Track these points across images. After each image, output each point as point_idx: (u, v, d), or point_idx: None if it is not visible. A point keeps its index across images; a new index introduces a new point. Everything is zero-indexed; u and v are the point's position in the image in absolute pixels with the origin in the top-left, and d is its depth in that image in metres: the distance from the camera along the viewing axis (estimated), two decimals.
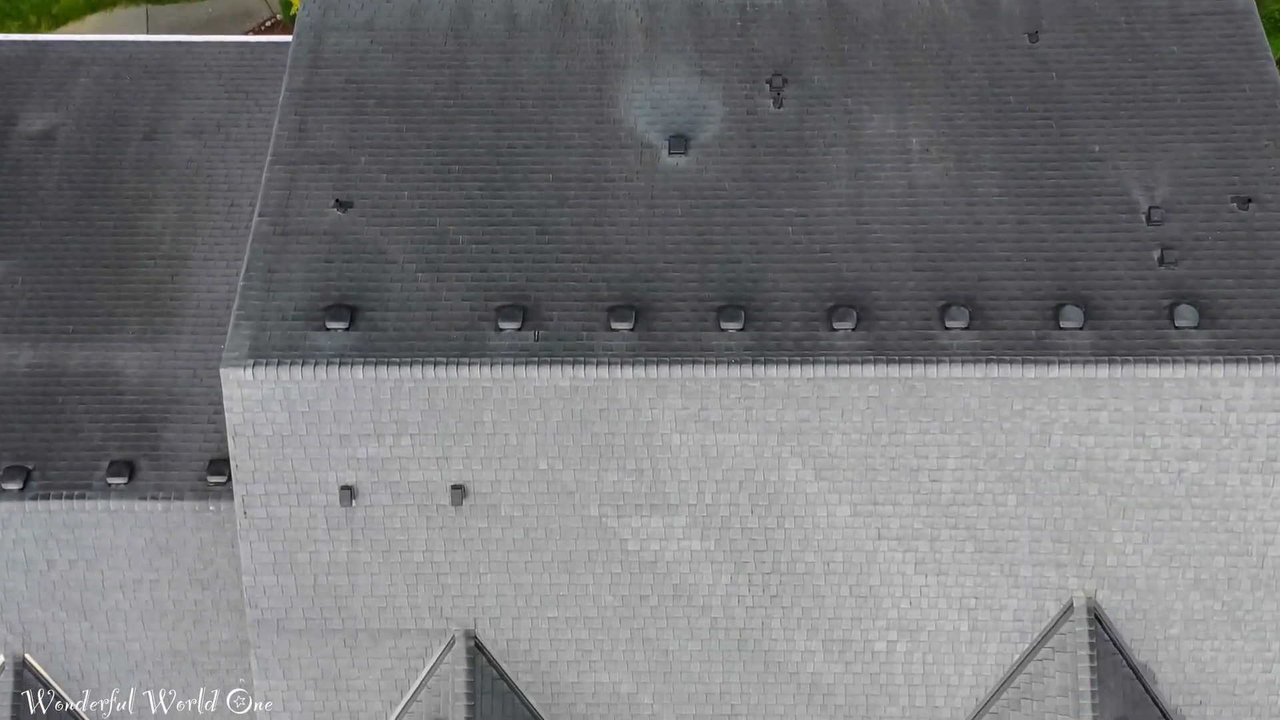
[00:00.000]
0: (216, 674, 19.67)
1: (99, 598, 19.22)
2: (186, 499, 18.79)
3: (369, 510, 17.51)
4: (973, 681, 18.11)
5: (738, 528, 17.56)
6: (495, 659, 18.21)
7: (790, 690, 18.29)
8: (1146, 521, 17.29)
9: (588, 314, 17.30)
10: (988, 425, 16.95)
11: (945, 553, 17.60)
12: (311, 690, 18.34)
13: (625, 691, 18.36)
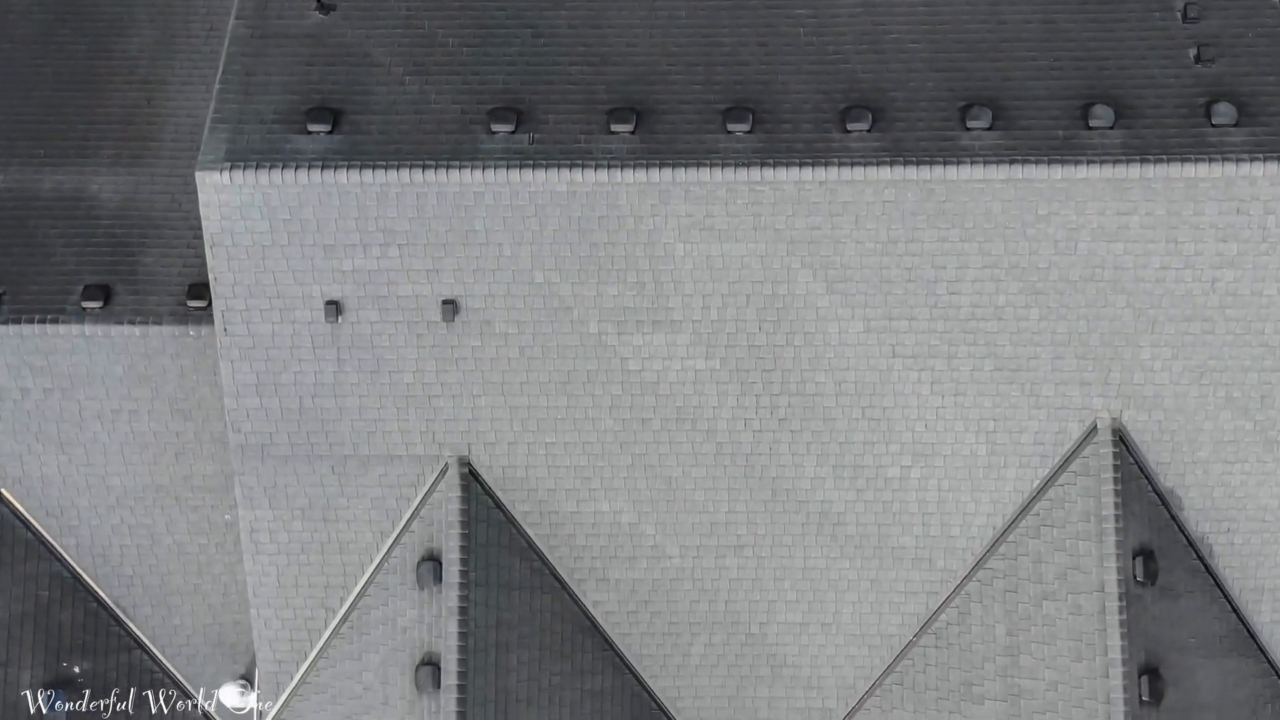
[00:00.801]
0: (200, 510, 18.91)
1: (76, 429, 18.40)
2: (165, 324, 17.88)
3: (356, 327, 16.61)
4: (990, 509, 17.31)
5: (744, 345, 16.67)
6: (490, 487, 17.41)
7: (798, 519, 17.51)
8: (1176, 335, 16.37)
9: (586, 116, 16.27)
10: (1010, 232, 15.98)
11: (963, 371, 16.71)
12: (299, 520, 17.57)
13: (626, 521, 17.59)
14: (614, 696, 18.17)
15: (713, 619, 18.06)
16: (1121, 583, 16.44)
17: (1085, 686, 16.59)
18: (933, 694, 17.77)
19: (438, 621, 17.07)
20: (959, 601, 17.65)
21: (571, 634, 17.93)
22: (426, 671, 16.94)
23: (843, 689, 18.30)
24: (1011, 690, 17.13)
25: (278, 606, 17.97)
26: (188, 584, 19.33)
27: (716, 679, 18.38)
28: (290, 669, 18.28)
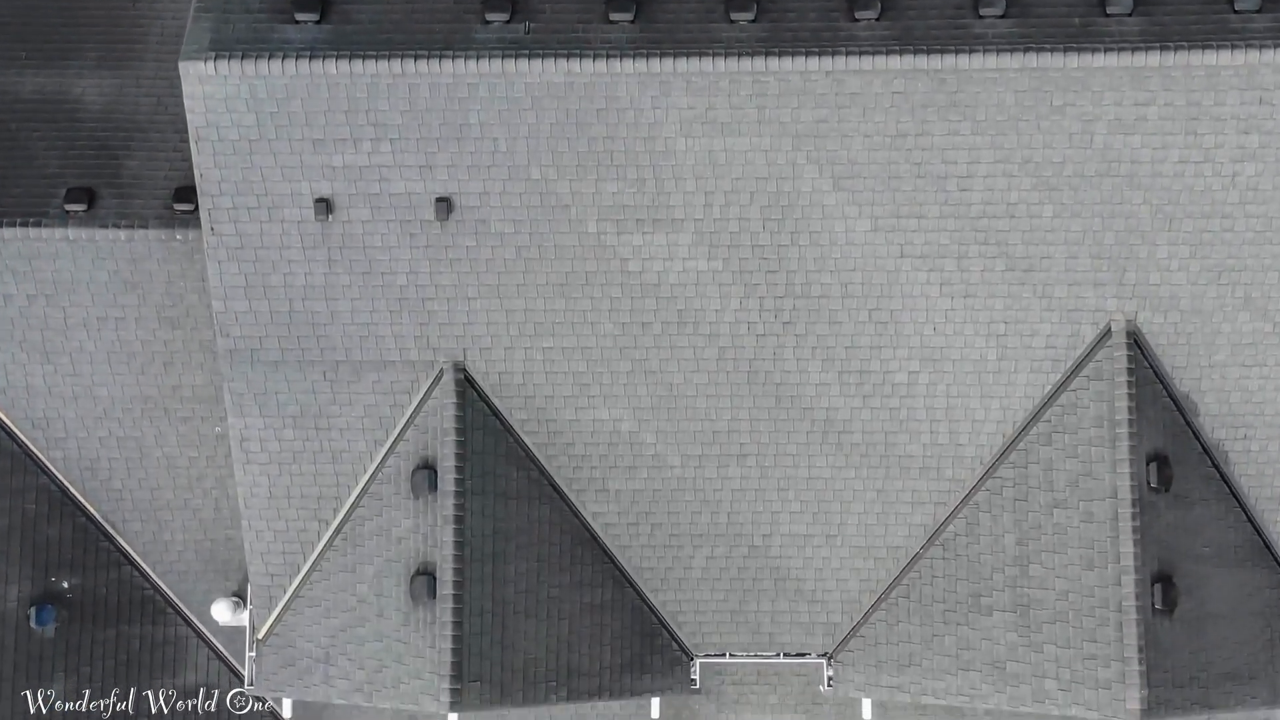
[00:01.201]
0: (190, 422, 18.47)
1: (61, 337, 17.92)
2: (151, 228, 17.38)
3: (346, 226, 16.08)
4: (1000, 415, 16.84)
5: (748, 245, 16.15)
6: (486, 393, 16.94)
7: (803, 426, 17.05)
8: (1195, 233, 15.85)
9: (584, 4, 15.65)
10: (1024, 124, 15.42)
11: (973, 272, 16.19)
12: (290, 429, 17.11)
13: (626, 429, 17.13)
14: (614, 610, 17.78)
15: (715, 531, 17.64)
16: (1135, 489, 15.99)
17: (1097, 595, 16.17)
18: (940, 606, 17.36)
19: (433, 531, 16.65)
20: (967, 511, 17.21)
21: (570, 546, 17.51)
22: (422, 582, 16.53)
23: (847, 603, 17.90)
24: (1021, 601, 16.73)
25: (269, 518, 17.55)
26: (178, 499, 18.91)
27: (718, 592, 17.98)
28: (283, 582, 17.87)
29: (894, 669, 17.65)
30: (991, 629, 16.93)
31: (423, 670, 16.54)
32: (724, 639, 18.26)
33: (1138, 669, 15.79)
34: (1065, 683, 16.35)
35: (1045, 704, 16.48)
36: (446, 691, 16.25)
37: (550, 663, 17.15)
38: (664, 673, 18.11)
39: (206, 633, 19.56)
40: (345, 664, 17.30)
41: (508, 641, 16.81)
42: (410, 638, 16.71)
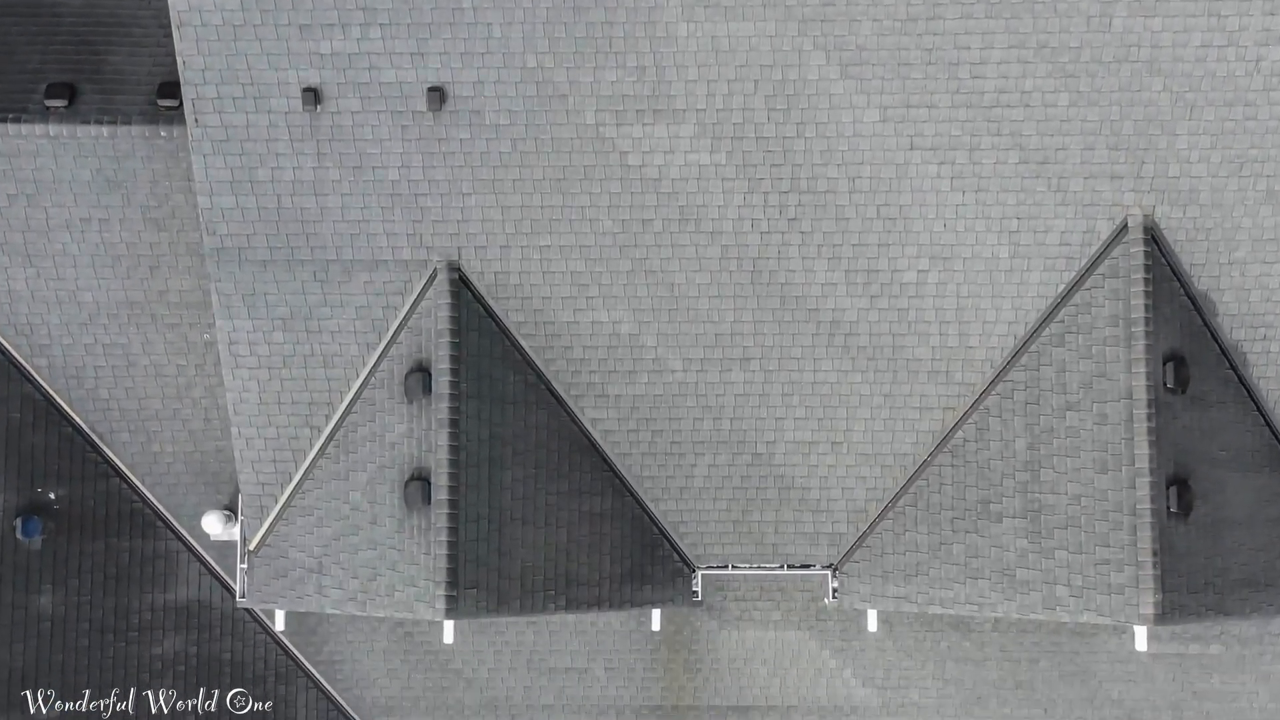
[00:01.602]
0: (178, 328, 17.97)
1: (43, 239, 17.38)
2: (135, 124, 16.82)
3: (336, 117, 15.51)
4: (1011, 316, 16.33)
5: (752, 137, 15.58)
6: (481, 294, 16.42)
7: (809, 329, 16.54)
8: (1216, 122, 15.27)
9: None
10: (1039, 7, 14.81)
11: (986, 165, 15.64)
12: (280, 331, 16.60)
13: (626, 332, 16.63)
14: (613, 519, 17.33)
15: (717, 438, 17.17)
16: (1150, 389, 15.50)
17: (1110, 499, 15.72)
18: (948, 514, 16.92)
19: (427, 435, 16.17)
20: (977, 416, 16.73)
21: (568, 453, 17.04)
22: (416, 487, 16.07)
23: (853, 512, 17.45)
24: (1032, 506, 16.28)
25: (259, 425, 17.07)
26: (167, 409, 18.44)
27: (721, 502, 17.53)
28: (274, 491, 17.42)
29: (900, 579, 17.23)
30: (1001, 536, 16.50)
31: (417, 577, 16.12)
32: (726, 550, 17.84)
33: (1152, 573, 15.36)
34: (1077, 589, 15.92)
35: (1056, 611, 16.07)
36: (442, 599, 15.83)
37: (548, 571, 16.73)
38: (665, 584, 17.70)
39: (198, 547, 19.14)
40: (338, 573, 16.88)
41: (504, 549, 16.38)
42: (405, 545, 16.28)
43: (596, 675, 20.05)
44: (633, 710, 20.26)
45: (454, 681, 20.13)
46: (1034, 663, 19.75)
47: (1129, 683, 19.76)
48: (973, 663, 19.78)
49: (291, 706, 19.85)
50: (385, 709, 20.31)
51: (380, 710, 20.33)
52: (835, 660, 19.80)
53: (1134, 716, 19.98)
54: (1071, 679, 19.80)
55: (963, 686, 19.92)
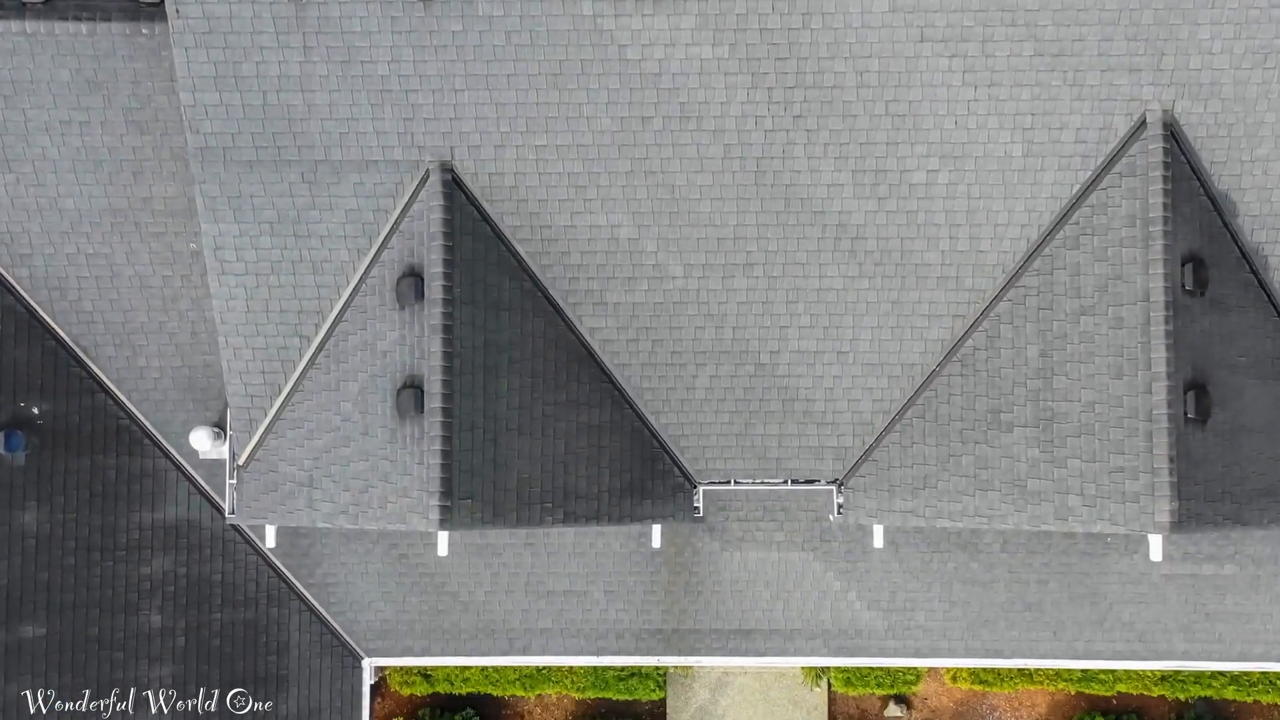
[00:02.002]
0: (163, 237, 17.41)
1: (22, 144, 16.79)
2: (115, 20, 16.18)
3: (323, 8, 14.89)
4: (1024, 219, 15.77)
5: (755, 30, 14.96)
6: (475, 196, 15.86)
7: (814, 232, 15.99)
8: (1240, 10, 14.64)
9: None
10: None
11: (999, 58, 15.03)
12: (267, 236, 16.05)
13: (624, 236, 16.07)
14: (612, 431, 16.84)
15: (719, 348, 16.65)
16: (1168, 291, 14.96)
17: (1125, 405, 15.21)
18: (957, 425, 16.43)
19: (420, 341, 15.65)
20: (988, 324, 16.21)
21: (566, 362, 16.53)
22: (409, 395, 15.57)
23: (859, 425, 16.96)
24: (1044, 414, 15.78)
25: (247, 334, 16.55)
26: (152, 321, 17.91)
27: (723, 415, 17.03)
28: (263, 404, 16.93)
29: (907, 493, 16.76)
30: (1012, 446, 16.01)
31: (410, 488, 15.64)
32: (728, 465, 17.36)
33: (1168, 480, 14.87)
34: (1090, 498, 15.45)
35: (1068, 521, 15.60)
36: (435, 509, 15.35)
37: (545, 483, 16.25)
38: (665, 499, 17.23)
39: (186, 465, 18.67)
40: (329, 486, 16.41)
41: (500, 459, 15.89)
42: (397, 455, 15.79)
43: (595, 599, 19.62)
44: (633, 634, 19.84)
45: (450, 605, 19.70)
46: (1043, 584, 19.31)
47: (1140, 604, 19.33)
48: (980, 585, 19.34)
49: (284, 629, 19.44)
50: (380, 633, 19.89)
51: (375, 634, 19.92)
52: (840, 583, 19.37)
53: (1145, 639, 19.57)
54: (1081, 601, 19.37)
55: (970, 609, 19.49)
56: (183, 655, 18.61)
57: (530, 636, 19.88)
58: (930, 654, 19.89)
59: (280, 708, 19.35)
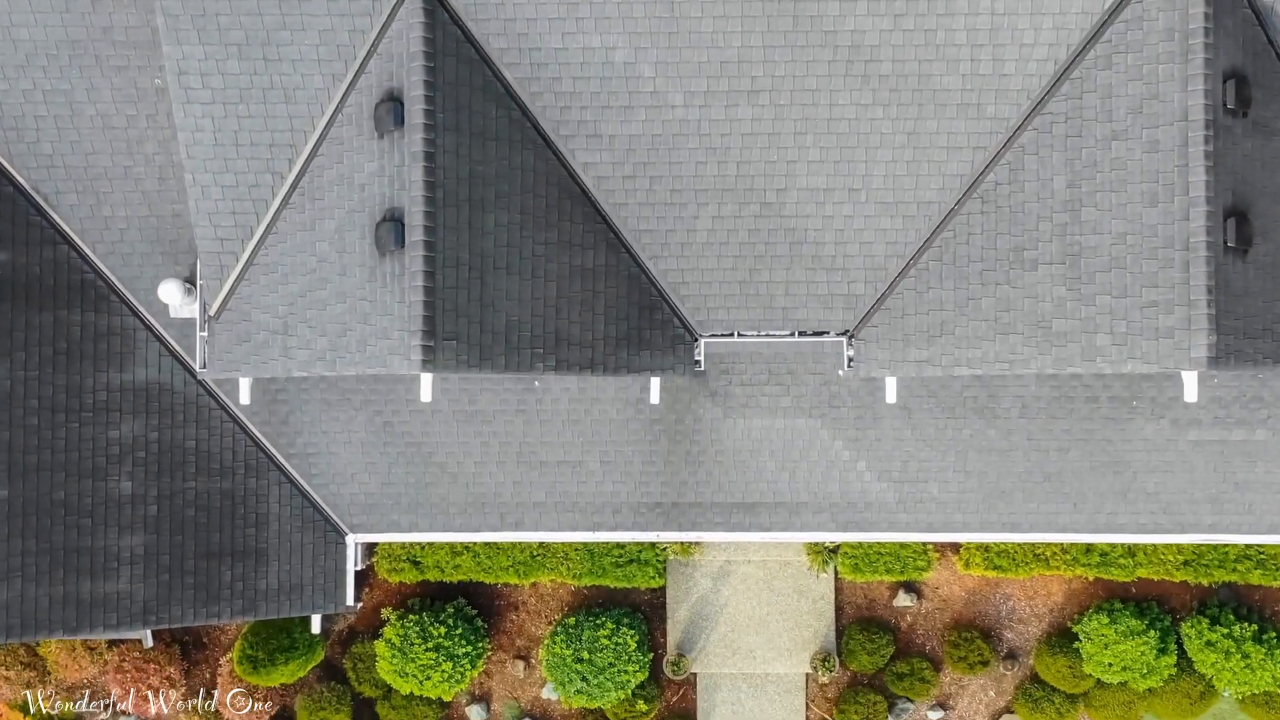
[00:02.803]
0: (126, 72, 16.24)
1: None
2: None
3: None
4: (1052, 37, 14.60)
5: None
6: (459, 15, 14.67)
7: (825, 55, 14.82)
8: None
9: None
10: None
11: None
12: (235, 60, 14.89)
13: (620, 60, 14.91)
14: (607, 276, 15.77)
15: (722, 184, 15.54)
16: (1209, 109, 13.84)
17: (1160, 234, 14.13)
18: (977, 266, 15.35)
19: (401, 172, 14.54)
20: (1011, 155, 15.09)
21: (557, 200, 15.42)
22: (389, 228, 14.47)
23: (871, 270, 15.89)
24: (1070, 250, 14.70)
25: (215, 170, 15.44)
26: (117, 166, 16.78)
27: (725, 260, 15.95)
28: (234, 249, 15.85)
29: (923, 341, 15.70)
30: (1035, 285, 14.93)
31: (391, 329, 14.58)
32: (731, 316, 16.30)
33: (1205, 313, 13.82)
34: (1120, 336, 14.39)
35: (1096, 362, 14.55)
36: (418, 349, 14.30)
37: (536, 327, 15.19)
38: (665, 351, 16.19)
39: (155, 324, 17.62)
40: (305, 332, 15.35)
41: (486, 299, 14.82)
42: (377, 294, 14.71)
43: (591, 469, 18.61)
44: (630, 508, 18.86)
45: (438, 477, 18.70)
46: (1063, 453, 18.29)
47: (1166, 474, 18.32)
48: (997, 453, 18.32)
49: (263, 501, 18.45)
50: (364, 507, 18.91)
51: (359, 508, 18.93)
52: (849, 452, 18.34)
53: (1170, 511, 18.57)
54: (1103, 470, 18.36)
55: (985, 479, 18.48)
56: (155, 524, 17.62)
57: (523, 511, 18.89)
58: (944, 528, 18.90)
59: (259, 583, 18.39)
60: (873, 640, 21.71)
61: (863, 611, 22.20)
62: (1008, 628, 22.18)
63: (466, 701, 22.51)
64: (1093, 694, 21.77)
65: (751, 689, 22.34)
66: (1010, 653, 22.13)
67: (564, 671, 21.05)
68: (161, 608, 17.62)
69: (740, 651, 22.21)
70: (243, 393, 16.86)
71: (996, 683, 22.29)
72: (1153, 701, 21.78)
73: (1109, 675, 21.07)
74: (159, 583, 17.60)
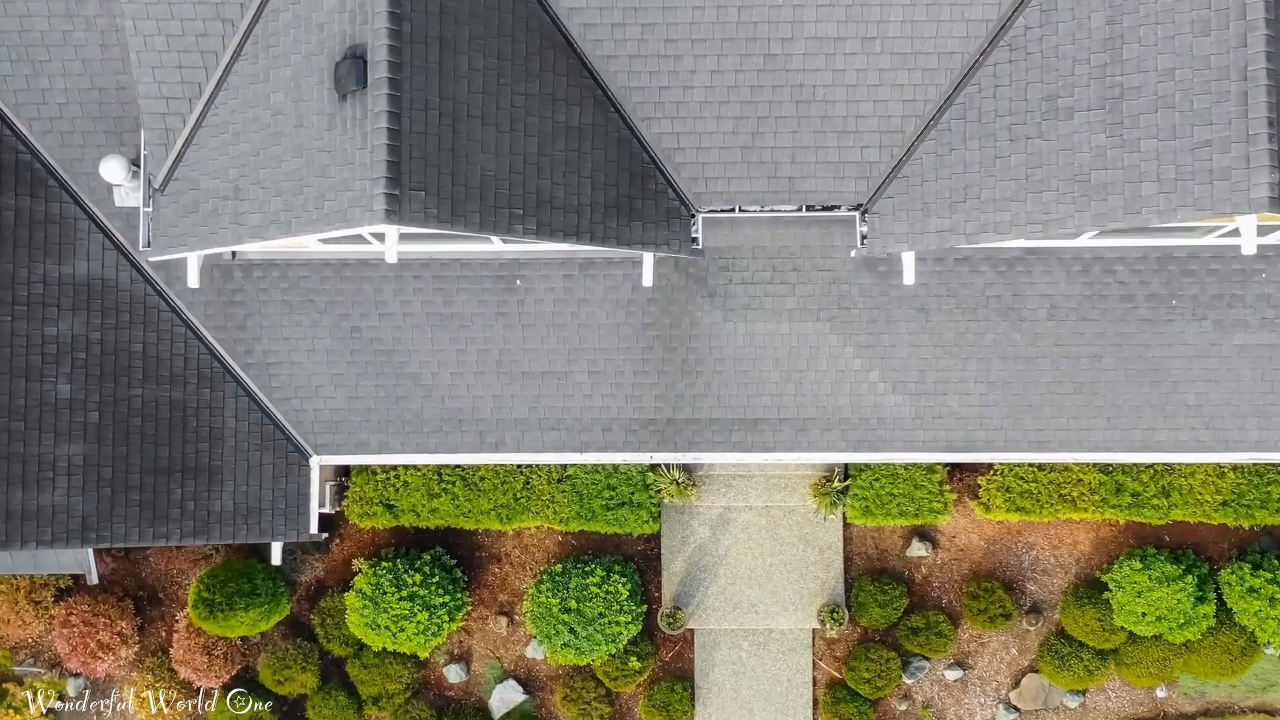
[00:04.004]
0: None
1: None
2: None
3: None
4: None
5: None
6: None
7: None
8: None
9: None
10: None
11: None
12: None
13: None
14: (594, 137, 14.22)
15: (722, 34, 14.02)
16: None
17: (1213, 65, 12.61)
18: (1005, 121, 13.83)
19: (362, 4, 13.01)
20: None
21: (539, 48, 13.90)
22: (350, 65, 12.90)
23: (887, 132, 14.36)
24: (1111, 93, 13.17)
25: (159, 17, 13.93)
26: (54, 31, 15.26)
27: (725, 122, 14.43)
28: (181, 109, 14.32)
29: (944, 208, 14.15)
30: (1072, 135, 13.40)
31: (352, 179, 13.00)
32: (732, 188, 14.75)
33: (1267, 148, 12.29)
34: (1168, 182, 12.84)
35: (1141, 213, 12.98)
36: (381, 197, 12.71)
37: (514, 185, 13.62)
38: (659, 225, 14.62)
39: (99, 215, 16.06)
40: (258, 194, 13.77)
41: (459, 150, 13.26)
42: (336, 143, 13.15)
43: (579, 380, 16.98)
44: (621, 425, 17.23)
45: (410, 390, 17.07)
46: (1096, 360, 16.70)
47: (1209, 383, 16.72)
48: (1023, 361, 16.73)
49: (217, 415, 16.80)
50: (329, 425, 17.25)
51: (324, 426, 17.27)
52: (860, 360, 16.74)
53: (1213, 425, 16.95)
54: (1140, 380, 16.75)
55: (1010, 391, 16.88)
56: (96, 433, 15.95)
57: (504, 429, 17.24)
58: (964, 448, 17.26)
59: (212, 504, 16.70)
60: (885, 592, 19.99)
61: (874, 563, 20.50)
62: (1031, 580, 20.47)
63: (444, 661, 20.73)
64: (1124, 650, 20.03)
65: (753, 646, 20.58)
66: (1034, 607, 20.42)
67: (550, 623, 19.30)
68: (103, 525, 15.91)
69: (741, 606, 20.46)
70: (190, 274, 15.20)
71: (1019, 639, 20.55)
72: (1189, 658, 20.04)
73: (1142, 627, 19.34)
74: (100, 497, 15.91)
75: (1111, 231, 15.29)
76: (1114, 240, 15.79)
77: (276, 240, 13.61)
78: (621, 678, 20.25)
